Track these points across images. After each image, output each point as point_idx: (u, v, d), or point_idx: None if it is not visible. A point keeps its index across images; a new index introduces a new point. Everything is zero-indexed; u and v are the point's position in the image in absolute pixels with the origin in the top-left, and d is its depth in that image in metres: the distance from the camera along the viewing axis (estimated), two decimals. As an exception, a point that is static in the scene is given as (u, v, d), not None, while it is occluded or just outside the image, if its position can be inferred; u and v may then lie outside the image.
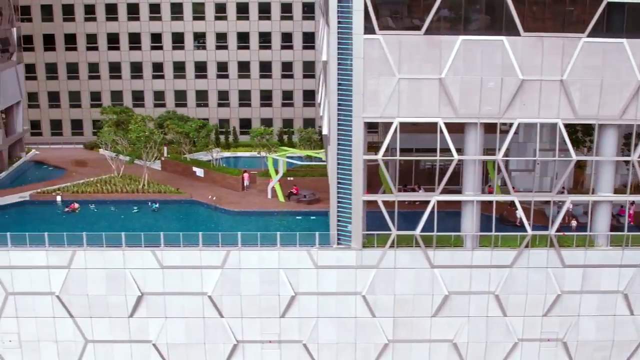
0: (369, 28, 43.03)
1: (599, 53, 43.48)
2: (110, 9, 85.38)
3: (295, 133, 76.68)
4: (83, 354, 49.20)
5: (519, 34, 43.05)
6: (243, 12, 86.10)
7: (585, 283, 47.63)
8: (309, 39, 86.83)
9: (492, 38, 43.26)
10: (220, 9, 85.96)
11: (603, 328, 48.70)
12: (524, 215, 46.42)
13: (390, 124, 44.75)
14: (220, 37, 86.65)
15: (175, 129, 65.77)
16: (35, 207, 58.52)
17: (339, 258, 47.18)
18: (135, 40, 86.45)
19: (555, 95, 44.18)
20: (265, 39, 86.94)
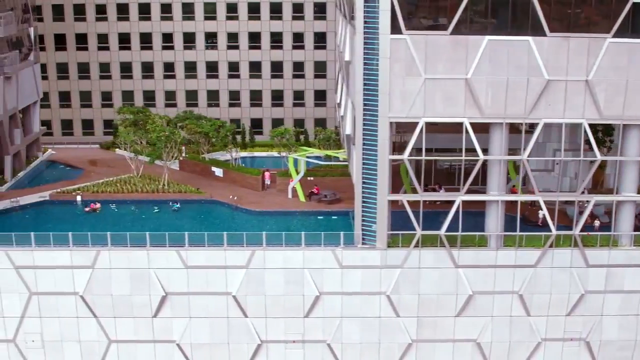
0: (396, 28, 43.09)
1: (625, 53, 43.52)
2: (122, 9, 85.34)
3: (315, 133, 76.56)
4: (106, 354, 49.18)
5: (545, 35, 43.11)
6: (254, 12, 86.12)
7: (609, 283, 47.70)
8: (320, 39, 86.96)
9: (518, 38, 43.29)
10: (232, 9, 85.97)
11: (626, 328, 48.76)
12: (549, 215, 46.49)
13: (416, 124, 44.83)
14: (232, 37, 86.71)
15: (195, 129, 65.74)
16: (55, 206, 58.41)
17: (364, 258, 47.20)
18: (147, 40, 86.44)
19: (581, 96, 44.24)
20: (277, 39, 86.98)
